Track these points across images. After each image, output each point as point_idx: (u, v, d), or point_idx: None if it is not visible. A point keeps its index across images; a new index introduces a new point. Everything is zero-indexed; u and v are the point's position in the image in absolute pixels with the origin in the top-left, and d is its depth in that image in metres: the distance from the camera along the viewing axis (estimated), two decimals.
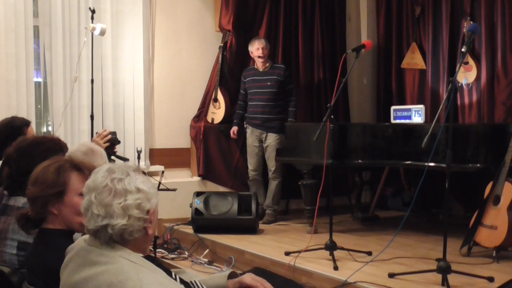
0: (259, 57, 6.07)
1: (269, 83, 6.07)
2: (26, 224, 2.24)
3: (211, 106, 6.45)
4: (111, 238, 1.77)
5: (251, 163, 6.21)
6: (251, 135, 6.18)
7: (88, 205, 1.79)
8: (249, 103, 6.20)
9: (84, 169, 2.25)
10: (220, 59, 6.44)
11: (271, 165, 6.13)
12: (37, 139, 2.84)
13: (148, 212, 1.81)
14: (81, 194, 2.14)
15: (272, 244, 5.06)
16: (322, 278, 4.05)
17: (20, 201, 2.58)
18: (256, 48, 6.07)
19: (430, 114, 6.09)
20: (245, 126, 6.28)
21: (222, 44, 6.44)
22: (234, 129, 6.28)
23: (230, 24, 6.40)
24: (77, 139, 5.71)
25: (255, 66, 6.20)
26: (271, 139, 6.11)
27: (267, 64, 6.13)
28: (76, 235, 2.29)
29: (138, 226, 1.79)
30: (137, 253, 1.81)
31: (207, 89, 6.52)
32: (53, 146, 2.75)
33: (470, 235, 4.47)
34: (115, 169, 1.82)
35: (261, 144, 6.18)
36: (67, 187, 2.19)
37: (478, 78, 5.85)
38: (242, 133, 6.35)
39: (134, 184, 1.80)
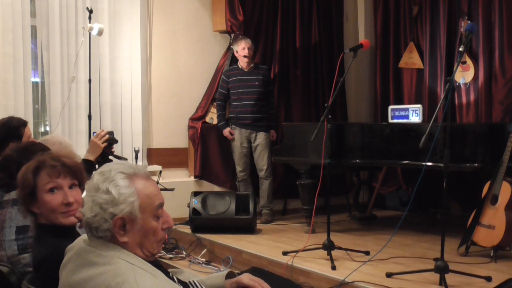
0: (244, 56, 6.04)
1: (256, 83, 6.07)
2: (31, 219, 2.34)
3: (211, 107, 6.44)
4: (89, 231, 1.81)
5: (240, 164, 6.19)
6: (240, 136, 6.15)
7: None
8: (235, 103, 6.14)
9: (51, 165, 2.23)
10: (228, 59, 6.43)
11: (262, 164, 6.12)
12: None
13: (113, 216, 1.78)
14: (50, 190, 2.20)
15: (270, 244, 5.06)
16: (320, 277, 4.05)
17: (14, 193, 2.61)
18: (242, 48, 6.05)
19: (427, 114, 6.09)
20: (231, 127, 6.19)
21: (233, 47, 6.39)
22: (229, 129, 6.17)
23: (242, 28, 6.41)
24: (74, 139, 5.71)
25: (239, 66, 6.16)
26: (261, 138, 6.11)
27: (252, 65, 6.12)
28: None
29: (104, 226, 1.78)
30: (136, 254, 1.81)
31: (209, 89, 6.51)
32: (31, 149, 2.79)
33: (468, 234, 4.47)
34: (107, 167, 1.85)
35: (249, 144, 6.17)
36: (36, 187, 2.21)
37: (475, 77, 5.86)
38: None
39: (108, 184, 1.80)
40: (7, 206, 2.63)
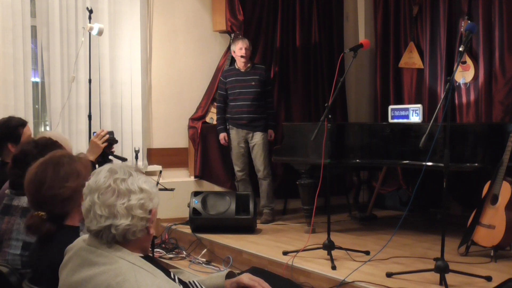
0: (241, 56, 6.04)
1: (253, 83, 6.06)
2: (42, 225, 2.15)
3: (211, 107, 6.44)
4: (113, 239, 1.78)
5: (238, 164, 6.19)
6: (237, 136, 6.15)
7: (90, 205, 1.78)
8: (232, 103, 6.13)
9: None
10: (228, 59, 6.43)
11: (259, 165, 6.12)
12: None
13: (150, 211, 1.81)
14: None
15: (270, 244, 5.06)
16: (320, 277, 4.05)
17: (25, 200, 2.55)
18: (239, 48, 6.05)
19: (427, 114, 6.09)
20: (228, 127, 6.20)
21: (231, 47, 6.38)
22: (225, 135, 6.16)
23: (242, 28, 6.40)
24: (75, 139, 5.71)
25: (236, 66, 6.15)
26: (257, 138, 6.10)
27: (249, 65, 6.11)
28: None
29: (141, 226, 1.79)
30: (137, 253, 1.82)
31: (209, 89, 6.50)
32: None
33: (468, 234, 4.47)
34: (117, 170, 1.82)
35: (246, 144, 6.16)
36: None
37: (475, 77, 5.86)
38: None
39: (137, 184, 1.80)
40: (16, 214, 2.55)
